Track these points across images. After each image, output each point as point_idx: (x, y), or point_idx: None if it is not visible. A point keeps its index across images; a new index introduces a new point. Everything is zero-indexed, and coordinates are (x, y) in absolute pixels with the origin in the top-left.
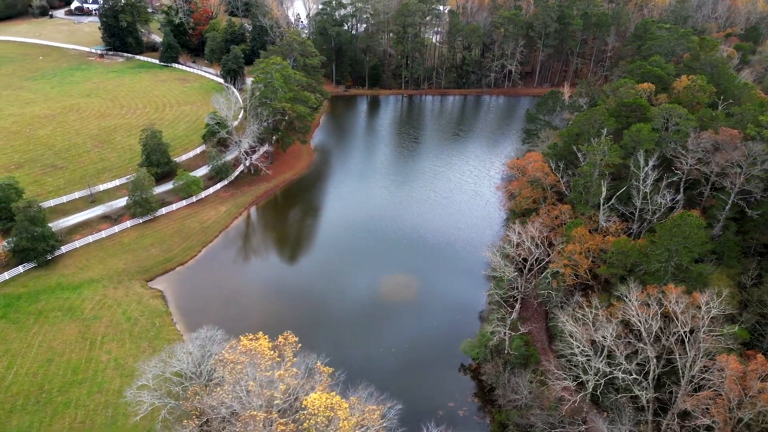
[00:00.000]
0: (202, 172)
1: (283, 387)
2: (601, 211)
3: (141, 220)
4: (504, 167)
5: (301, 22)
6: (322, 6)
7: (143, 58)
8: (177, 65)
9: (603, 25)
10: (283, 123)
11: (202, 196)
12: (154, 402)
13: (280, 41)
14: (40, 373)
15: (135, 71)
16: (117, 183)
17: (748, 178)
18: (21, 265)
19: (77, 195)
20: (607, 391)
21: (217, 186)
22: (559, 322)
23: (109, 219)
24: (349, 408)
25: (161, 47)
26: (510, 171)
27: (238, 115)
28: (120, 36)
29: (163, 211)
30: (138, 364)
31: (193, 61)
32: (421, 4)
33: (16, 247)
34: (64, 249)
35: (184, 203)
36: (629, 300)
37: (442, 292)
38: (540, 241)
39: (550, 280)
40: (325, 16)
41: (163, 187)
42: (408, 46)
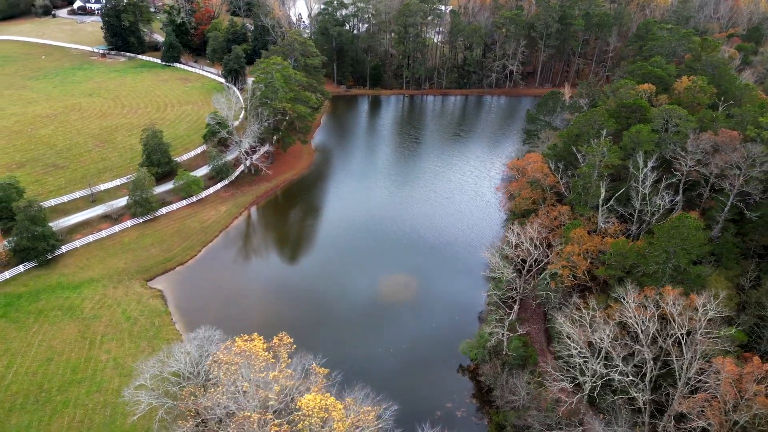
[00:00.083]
0: (202, 171)
1: (277, 388)
2: (600, 213)
3: (141, 220)
4: (504, 168)
5: (303, 21)
6: (323, 6)
7: (145, 57)
8: (179, 65)
9: (605, 26)
10: (283, 123)
11: (202, 195)
12: (152, 402)
13: (282, 41)
14: (39, 372)
15: (137, 71)
16: (118, 183)
17: (747, 180)
18: (21, 265)
19: (78, 194)
20: (603, 392)
21: (218, 186)
22: (556, 324)
23: (110, 218)
24: (344, 409)
25: (163, 47)
26: (510, 172)
27: (239, 115)
28: (122, 35)
29: (164, 210)
30: (136, 364)
31: (195, 61)
32: (422, 4)
33: (16, 247)
34: (64, 248)
35: (184, 203)
36: (626, 302)
37: (441, 293)
38: (539, 242)
39: (548, 281)
40: (326, 16)
41: (164, 186)
42: (409, 46)
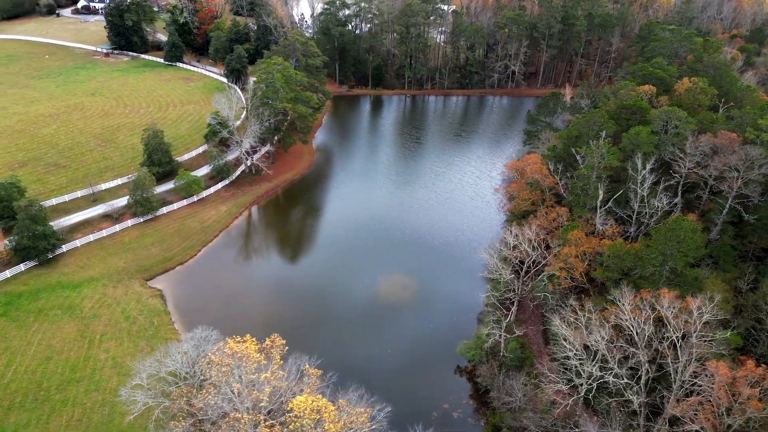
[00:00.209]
0: (203, 171)
1: (268, 389)
2: (598, 214)
3: (142, 219)
4: (505, 168)
5: (306, 21)
6: (325, 6)
7: (148, 57)
8: (181, 64)
9: (607, 26)
10: (284, 123)
11: (203, 195)
12: (148, 402)
13: (284, 41)
14: (38, 371)
15: (139, 70)
16: (119, 182)
17: (745, 182)
18: (22, 264)
19: (79, 194)
20: (599, 395)
21: (218, 186)
22: (552, 326)
23: (111, 218)
24: (337, 410)
25: (166, 46)
26: (510, 173)
27: (240, 115)
28: (125, 35)
29: (164, 210)
30: (133, 364)
31: (197, 61)
32: (424, 4)
33: (17, 246)
34: (65, 247)
35: (185, 202)
36: (622, 304)
37: (440, 293)
38: (537, 244)
39: (546, 282)
40: (328, 16)
41: (165, 186)
42: (411, 46)
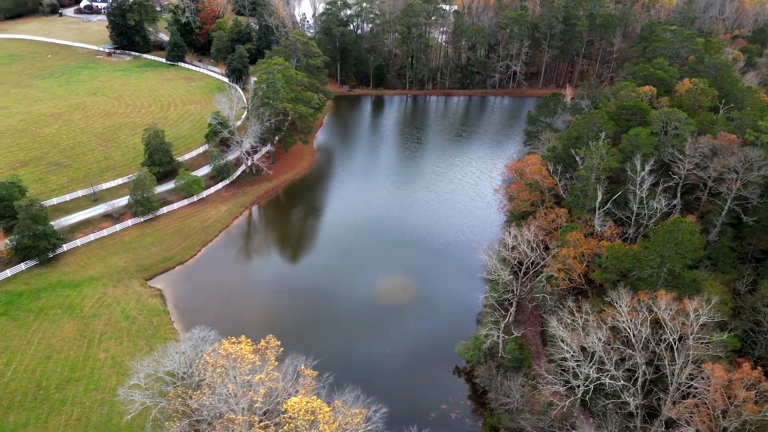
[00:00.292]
0: (204, 171)
1: (263, 390)
2: (597, 216)
3: (142, 219)
4: (505, 169)
5: (307, 21)
6: (327, 6)
7: (150, 56)
8: (183, 64)
9: (609, 27)
10: (285, 123)
11: (203, 195)
12: (145, 401)
13: (285, 41)
14: (38, 370)
15: (141, 70)
16: (120, 182)
17: (744, 184)
18: (23, 263)
19: (80, 193)
20: (596, 396)
21: (219, 185)
22: (549, 327)
23: (111, 217)
24: (332, 411)
25: (168, 46)
26: (510, 173)
27: (241, 115)
28: (127, 35)
29: (165, 210)
30: (131, 363)
31: (199, 60)
32: (425, 4)
33: (18, 245)
34: (65, 247)
35: (185, 202)
36: (619, 306)
37: (440, 294)
38: (536, 245)
39: (544, 284)
40: (330, 16)
41: (165, 186)
42: (412, 46)
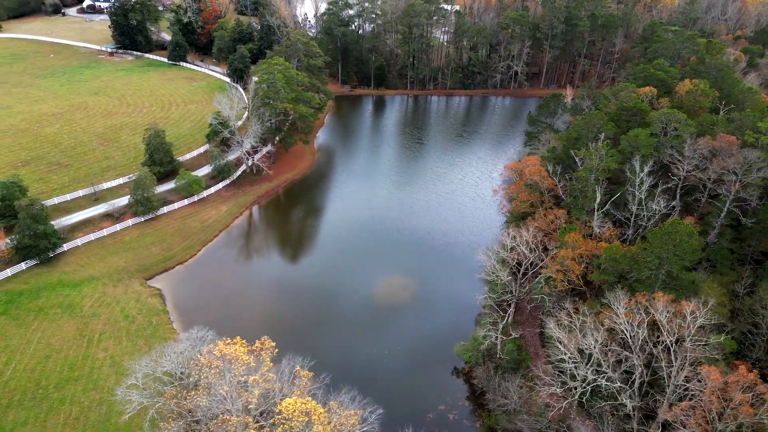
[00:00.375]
0: (204, 171)
1: (257, 391)
2: (595, 217)
3: (142, 219)
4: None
5: (309, 21)
6: (328, 6)
7: (152, 56)
8: (185, 64)
9: (611, 27)
10: (286, 123)
11: (203, 195)
12: (143, 401)
13: (286, 41)
14: (37, 369)
15: (143, 70)
16: (120, 181)
17: (743, 186)
18: (23, 262)
19: (81, 193)
20: (593, 398)
21: (219, 185)
22: (547, 329)
23: (112, 217)
24: (328, 412)
25: (169, 46)
26: (509, 174)
27: (242, 115)
28: (130, 34)
29: (165, 209)
30: (129, 363)
31: (201, 60)
32: (427, 4)
33: (18, 245)
34: (66, 246)
35: (185, 202)
36: (617, 307)
37: (439, 295)
38: (534, 246)
39: (543, 285)
40: (331, 16)
41: (166, 186)
42: (414, 46)
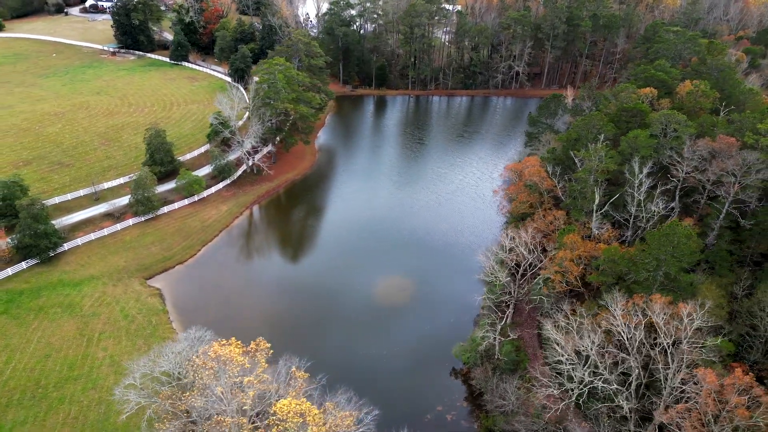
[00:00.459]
0: (205, 171)
1: (252, 393)
2: (594, 218)
3: (143, 219)
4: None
5: (311, 21)
6: (329, 6)
7: (154, 56)
8: (187, 64)
9: (612, 27)
10: (287, 123)
11: (204, 195)
12: (140, 401)
13: (287, 41)
14: (37, 368)
15: (145, 69)
16: (121, 181)
17: (742, 187)
18: (24, 262)
19: (82, 192)
20: (589, 400)
21: (220, 185)
22: (543, 330)
23: (112, 217)
24: (324, 413)
25: (171, 46)
26: (509, 175)
27: (243, 115)
28: (132, 34)
29: (165, 209)
30: (127, 363)
31: (202, 60)
32: (428, 4)
33: (19, 244)
34: (66, 246)
35: (186, 202)
36: (614, 309)
37: (439, 295)
38: (533, 247)
39: (541, 286)
40: (332, 16)
41: (166, 185)
42: (415, 46)
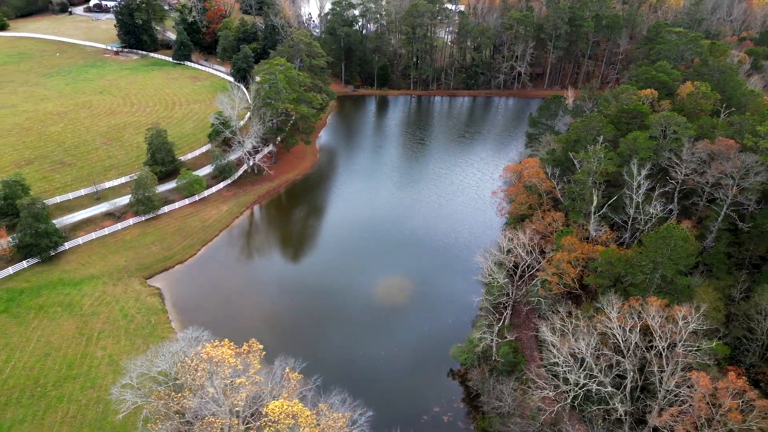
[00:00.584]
0: (206, 171)
1: (243, 394)
2: (592, 220)
3: (143, 218)
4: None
5: (313, 21)
6: (332, 6)
7: (157, 55)
8: (190, 63)
9: (615, 28)
10: (287, 123)
11: (204, 194)
12: (137, 401)
13: (289, 41)
14: (36, 367)
15: (148, 69)
16: (122, 180)
17: (741, 190)
18: (25, 261)
19: (83, 192)
20: (585, 402)
21: (220, 185)
22: (540, 332)
23: (113, 216)
24: (317, 414)
25: (174, 45)
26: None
27: (245, 115)
28: (135, 33)
29: (166, 209)
30: (124, 362)
31: (205, 60)
32: (430, 4)
33: (20, 243)
34: (67, 245)
35: (186, 202)
36: (609, 312)
37: (438, 296)
38: (531, 248)
39: (539, 287)
40: (335, 16)
41: (167, 185)
42: (417, 46)
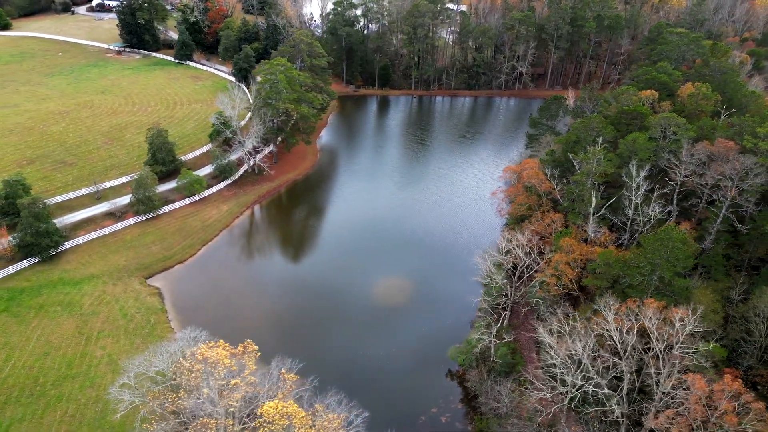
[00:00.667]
0: (206, 170)
1: (237, 395)
2: (591, 221)
3: (144, 218)
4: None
5: (314, 21)
6: (333, 6)
7: (159, 55)
8: (191, 63)
9: (616, 28)
10: (288, 124)
11: (205, 194)
12: (134, 401)
13: (290, 41)
14: (36, 366)
15: (150, 68)
16: (123, 180)
17: (740, 192)
18: (25, 260)
19: (84, 191)
20: (582, 404)
21: (221, 185)
22: (538, 333)
23: (113, 216)
24: (312, 415)
25: (176, 45)
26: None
27: (245, 115)
28: (137, 33)
29: (166, 209)
30: (123, 362)
31: (207, 59)
32: (431, 4)
33: (21, 242)
34: (67, 245)
35: (187, 201)
36: (606, 313)
37: (437, 296)
38: (530, 249)
39: (537, 289)
40: (336, 16)
41: (168, 185)
42: (418, 46)
